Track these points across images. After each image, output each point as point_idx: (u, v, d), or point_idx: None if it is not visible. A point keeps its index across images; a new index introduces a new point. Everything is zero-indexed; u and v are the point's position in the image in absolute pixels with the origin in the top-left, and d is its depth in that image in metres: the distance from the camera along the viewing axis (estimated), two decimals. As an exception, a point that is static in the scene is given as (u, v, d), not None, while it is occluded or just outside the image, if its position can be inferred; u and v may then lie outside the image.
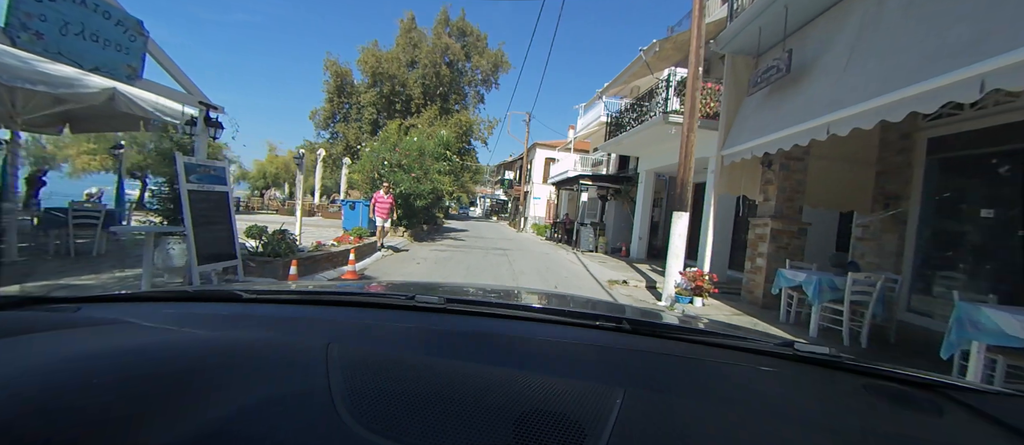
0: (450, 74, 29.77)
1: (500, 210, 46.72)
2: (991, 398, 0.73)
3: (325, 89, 29.92)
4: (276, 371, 0.60)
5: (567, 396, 0.57)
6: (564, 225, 17.89)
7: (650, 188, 12.68)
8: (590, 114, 21.26)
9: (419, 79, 28.96)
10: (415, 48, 28.40)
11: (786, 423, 0.60)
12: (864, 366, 0.81)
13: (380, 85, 28.18)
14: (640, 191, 12.70)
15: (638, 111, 10.69)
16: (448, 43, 28.64)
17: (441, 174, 13.65)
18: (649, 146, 11.58)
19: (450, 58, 29.51)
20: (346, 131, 28.37)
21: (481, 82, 31.45)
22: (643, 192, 12.59)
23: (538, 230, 22.62)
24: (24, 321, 0.75)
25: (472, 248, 12.67)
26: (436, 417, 0.52)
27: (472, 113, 30.78)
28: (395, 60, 27.69)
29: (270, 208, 21.73)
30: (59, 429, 0.43)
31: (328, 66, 29.54)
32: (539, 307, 1.12)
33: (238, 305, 1.01)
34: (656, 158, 11.76)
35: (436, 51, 28.45)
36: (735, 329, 1.08)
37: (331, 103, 29.67)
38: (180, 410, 0.48)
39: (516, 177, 33.66)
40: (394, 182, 11.83)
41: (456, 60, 29.70)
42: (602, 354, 0.81)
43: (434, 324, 0.90)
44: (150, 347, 0.66)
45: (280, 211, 21.19)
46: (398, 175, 11.96)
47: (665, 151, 11.19)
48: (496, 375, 0.64)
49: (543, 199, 27.03)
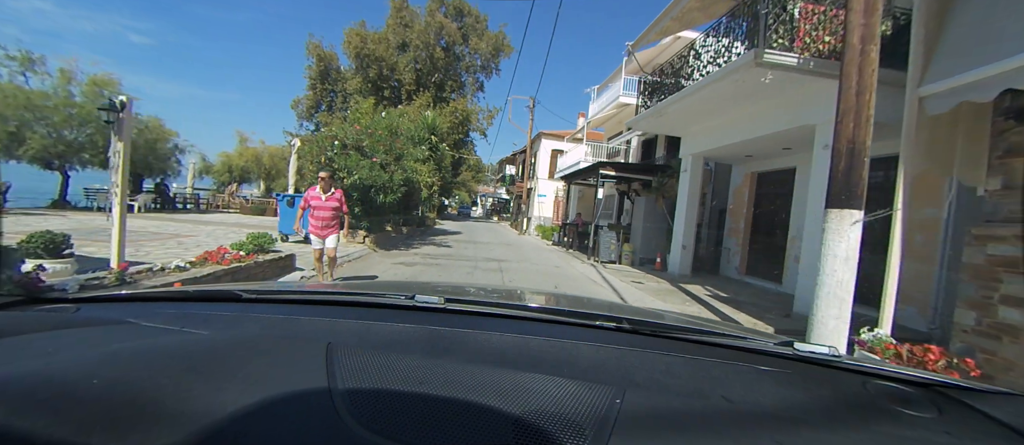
0: (446, 58, 26.34)
1: (502, 210, 43.33)
2: (991, 398, 0.70)
3: (308, 75, 26.56)
4: (276, 371, 0.59)
5: (567, 396, 0.57)
6: (575, 227, 14.39)
7: (697, 180, 9.19)
8: (605, 96, 17.77)
9: (411, 63, 25.54)
10: (406, 29, 24.96)
11: (786, 423, 0.59)
12: (864, 366, 0.80)
13: (366, 69, 24.82)
14: (684, 184, 9.21)
15: (688, 67, 7.23)
16: (443, 23, 25.17)
17: (419, 162, 10.23)
18: (704, 118, 8.09)
19: (446, 41, 26.10)
20: (331, 121, 25.02)
21: (480, 68, 27.99)
22: (688, 185, 9.10)
23: (544, 233, 19.12)
24: (24, 321, 0.77)
25: (456, 259, 9.26)
26: (436, 417, 0.51)
27: (470, 102, 27.39)
28: (383, 41, 24.27)
29: (232, 207, 18.34)
30: (60, 429, 0.42)
31: (311, 50, 26.17)
32: (539, 307, 1.11)
33: (238, 305, 0.99)
34: (712, 136, 8.28)
35: (429, 31, 25.00)
36: (735, 329, 1.08)
37: (314, 91, 26.28)
38: (180, 410, 0.47)
39: (519, 172, 30.00)
40: (346, 169, 8.47)
41: (452, 43, 26.25)
42: (602, 354, 0.79)
43: (434, 324, 0.87)
44: (150, 347, 0.67)
45: (244, 210, 17.83)
46: (352, 159, 8.57)
47: (728, 124, 7.71)
48: (496, 375, 0.63)
49: (549, 197, 23.48)
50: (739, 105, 7.11)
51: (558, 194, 21.96)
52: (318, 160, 9.03)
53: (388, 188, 9.19)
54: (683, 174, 9.33)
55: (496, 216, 43.76)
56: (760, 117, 7.02)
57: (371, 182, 8.57)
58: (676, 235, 9.36)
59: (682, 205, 9.20)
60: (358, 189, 8.67)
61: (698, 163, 9.15)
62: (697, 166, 9.14)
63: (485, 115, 27.58)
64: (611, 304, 2.21)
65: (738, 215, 9.58)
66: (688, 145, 9.23)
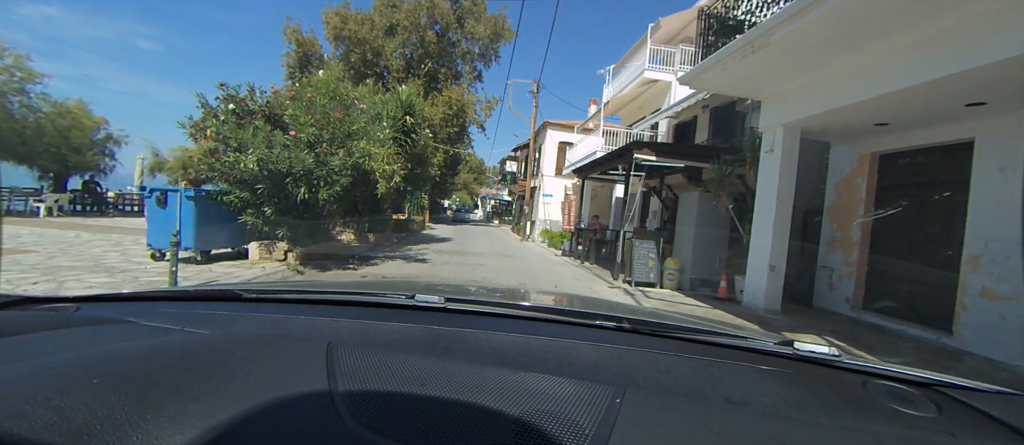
0: (439, 44, 23.13)
1: (505, 212, 40.06)
2: (991, 398, 0.69)
3: (285, 63, 23.39)
4: (276, 371, 0.58)
5: (568, 396, 0.55)
6: (593, 234, 11.09)
7: (792, 164, 5.90)
8: (624, 75, 14.49)
9: (399, 48, 22.41)
10: (394, 9, 21.82)
11: (786, 423, 0.58)
12: (864, 366, 0.78)
13: (348, 54, 21.70)
14: (771, 171, 5.90)
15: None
16: (436, 3, 21.97)
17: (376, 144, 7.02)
18: (818, 60, 4.80)
19: (439, 24, 22.96)
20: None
21: (478, 56, 24.80)
22: (777, 172, 5.80)
23: (551, 239, 15.82)
24: (24, 320, 0.75)
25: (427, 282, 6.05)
26: (436, 417, 0.50)
27: (466, 92, 24.21)
28: (367, 22, 21.11)
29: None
30: (59, 430, 0.42)
31: (289, 35, 23.00)
32: (540, 306, 1.08)
33: (238, 305, 0.97)
34: (820, 91, 5.01)
35: (420, 12, 21.79)
36: (736, 329, 1.04)
37: (293, 80, 23.30)
38: (181, 410, 0.46)
39: (521, 169, 26.57)
40: (239, 145, 5.31)
41: (447, 27, 23.05)
42: (603, 354, 0.77)
43: (434, 324, 0.85)
44: (150, 347, 0.65)
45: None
46: (253, 133, 5.35)
47: (857, 69, 4.42)
48: (496, 375, 0.62)
49: (556, 197, 20.14)
50: (894, 28, 3.83)
51: (568, 193, 18.66)
52: (202, 133, 5.84)
53: (321, 179, 5.96)
54: (766, 156, 6.04)
55: (498, 219, 40.59)
56: (932, 47, 3.77)
57: (282, 167, 5.36)
58: (755, 248, 6.06)
59: (768, 203, 5.90)
60: (265, 178, 5.46)
61: (794, 138, 5.84)
62: (792, 143, 5.84)
63: (483, 106, 24.38)
64: (611, 304, 1.96)
65: (846, 218, 6.28)
66: (776, 111, 5.93)
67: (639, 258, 7.49)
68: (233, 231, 6.14)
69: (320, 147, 5.86)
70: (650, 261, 7.43)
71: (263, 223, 5.76)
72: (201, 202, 5.63)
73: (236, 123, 5.64)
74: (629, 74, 13.92)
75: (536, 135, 20.23)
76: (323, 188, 5.97)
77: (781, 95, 5.79)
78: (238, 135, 5.37)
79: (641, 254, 7.50)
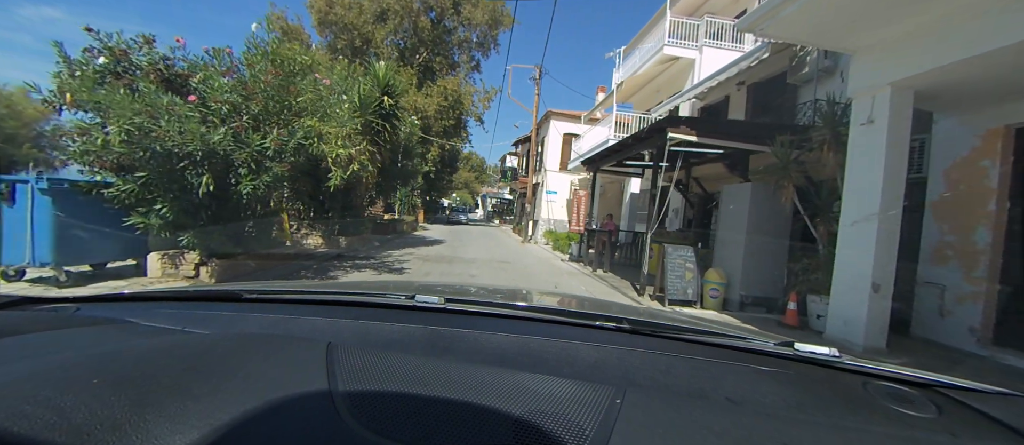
0: (433, 31, 21.44)
1: (506, 211, 38.28)
2: (991, 398, 0.67)
3: (270, 52, 22.03)
4: (276, 371, 0.57)
5: (568, 396, 0.54)
6: (607, 236, 9.35)
7: (901, 140, 4.17)
8: (637, 55, 12.75)
9: (390, 35, 20.73)
10: (385, -6, 20.19)
11: (786, 423, 0.57)
12: (864, 366, 0.76)
13: (334, 40, 20.03)
14: (877, 145, 4.17)
15: None
16: (429, -14, 20.36)
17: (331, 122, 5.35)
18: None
19: (434, 9, 21.27)
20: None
21: (476, 45, 23.08)
22: (884, 148, 4.08)
23: (556, 241, 14.10)
24: (24, 321, 0.74)
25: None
26: (436, 417, 0.49)
27: (463, 82, 22.48)
28: (355, 6, 19.42)
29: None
30: (59, 430, 0.41)
31: (273, 22, 21.37)
32: (539, 307, 1.08)
33: (238, 305, 0.96)
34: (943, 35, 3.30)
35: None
36: (736, 329, 1.03)
37: (278, 71, 21.72)
38: (181, 410, 0.46)
39: (521, 165, 24.80)
40: (103, 110, 3.65)
41: (442, 14, 21.36)
42: (603, 354, 0.77)
43: (434, 324, 0.84)
44: (150, 347, 0.64)
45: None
46: (113, 95, 3.62)
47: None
48: (496, 375, 0.60)
49: (561, 194, 18.39)
50: None
51: (574, 189, 16.92)
52: (63, 99, 4.15)
53: (244, 165, 4.26)
54: (861, 130, 4.30)
55: (498, 218, 38.87)
56: None
57: (171, 145, 3.65)
58: (844, 260, 4.32)
59: (866, 196, 4.17)
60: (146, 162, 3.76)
61: (906, 104, 4.10)
62: (902, 109, 4.10)
63: (481, 97, 22.66)
64: (611, 304, 1.85)
65: (965, 216, 4.55)
66: (877, 67, 4.18)
67: (673, 268, 5.75)
68: (128, 240, 4.47)
69: (238, 121, 4.16)
70: (687, 273, 5.70)
71: (160, 226, 4.08)
72: (65, 197, 3.96)
73: (102, 83, 3.96)
74: (644, 53, 12.17)
75: (539, 126, 18.48)
76: (246, 178, 4.26)
77: (888, 42, 4.05)
78: (95, 98, 3.67)
79: (675, 263, 5.77)
